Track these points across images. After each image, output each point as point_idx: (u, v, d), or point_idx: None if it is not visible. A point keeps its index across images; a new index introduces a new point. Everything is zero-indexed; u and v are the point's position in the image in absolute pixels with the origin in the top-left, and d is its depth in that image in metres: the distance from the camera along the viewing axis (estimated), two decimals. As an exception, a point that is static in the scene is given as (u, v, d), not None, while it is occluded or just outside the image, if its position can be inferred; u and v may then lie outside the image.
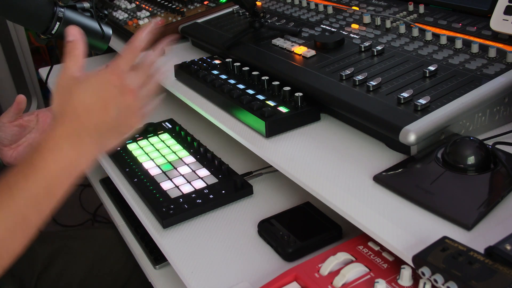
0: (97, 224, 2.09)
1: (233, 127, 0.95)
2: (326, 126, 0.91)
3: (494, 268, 0.53)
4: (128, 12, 1.60)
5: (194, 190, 0.97)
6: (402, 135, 0.73)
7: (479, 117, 0.80)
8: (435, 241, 0.59)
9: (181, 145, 1.14)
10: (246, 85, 1.01)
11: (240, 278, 0.78)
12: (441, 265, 0.55)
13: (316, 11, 1.24)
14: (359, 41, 1.03)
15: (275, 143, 0.87)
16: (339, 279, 0.66)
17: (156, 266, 1.01)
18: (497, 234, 0.59)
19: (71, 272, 1.17)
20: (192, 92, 1.11)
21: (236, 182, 0.97)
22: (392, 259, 0.69)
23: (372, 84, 0.84)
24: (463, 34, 0.96)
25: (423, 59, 0.91)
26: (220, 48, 1.17)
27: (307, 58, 1.01)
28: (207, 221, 0.92)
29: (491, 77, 0.81)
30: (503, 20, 0.89)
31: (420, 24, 1.03)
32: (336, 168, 0.78)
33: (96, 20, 1.11)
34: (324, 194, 0.74)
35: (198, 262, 0.82)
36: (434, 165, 0.72)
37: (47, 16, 1.04)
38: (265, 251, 0.84)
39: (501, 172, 0.69)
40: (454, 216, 0.63)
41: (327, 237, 0.84)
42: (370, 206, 0.69)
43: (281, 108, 0.91)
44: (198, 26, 1.36)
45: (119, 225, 1.18)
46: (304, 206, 0.92)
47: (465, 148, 0.71)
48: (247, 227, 0.90)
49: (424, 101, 0.76)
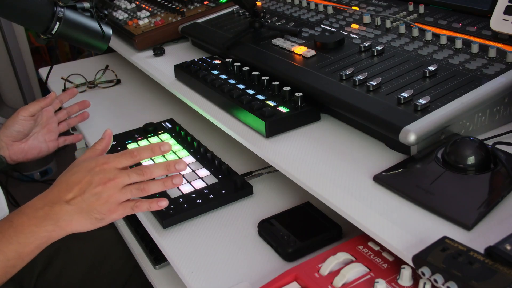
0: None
1: (233, 127, 0.95)
2: (326, 126, 0.91)
3: (494, 268, 0.53)
4: (128, 12, 1.60)
5: (194, 190, 0.97)
6: (402, 135, 0.73)
7: (479, 117, 0.80)
8: (435, 241, 0.59)
9: (181, 145, 1.14)
10: (246, 85, 1.01)
11: (240, 278, 0.78)
12: (441, 265, 0.55)
13: (316, 11, 1.24)
14: (359, 41, 1.03)
15: (275, 143, 0.87)
16: (339, 279, 0.66)
17: (156, 266, 1.01)
18: (497, 234, 0.59)
19: (71, 272, 1.17)
20: (192, 92, 1.11)
21: (236, 182, 0.97)
22: (392, 259, 0.69)
23: (372, 84, 0.84)
24: (463, 34, 0.96)
25: (423, 59, 0.91)
26: (220, 48, 1.17)
27: (307, 58, 1.01)
28: (207, 221, 0.92)
29: (491, 77, 0.81)
30: (503, 20, 0.89)
31: (420, 24, 1.03)
32: (336, 168, 0.78)
33: (96, 20, 1.11)
34: (324, 194, 0.74)
35: (198, 262, 0.82)
36: (434, 165, 0.72)
37: (47, 16, 1.04)
38: (265, 251, 0.84)
39: (501, 172, 0.69)
40: (454, 216, 0.63)
41: (327, 237, 0.84)
42: (370, 206, 0.69)
43: (281, 108, 0.91)
44: (198, 26, 1.36)
45: (119, 225, 1.18)
46: (304, 206, 0.92)
47: (465, 148, 0.71)
48: (247, 227, 0.90)
49: (424, 101, 0.76)
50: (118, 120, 1.33)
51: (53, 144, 1.25)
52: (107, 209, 0.80)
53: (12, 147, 1.17)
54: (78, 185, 0.80)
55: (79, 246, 1.21)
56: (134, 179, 0.82)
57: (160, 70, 1.26)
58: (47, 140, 1.23)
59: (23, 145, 1.19)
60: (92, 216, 0.80)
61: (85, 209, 0.80)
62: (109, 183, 0.80)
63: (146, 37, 1.38)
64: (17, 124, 1.16)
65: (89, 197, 0.80)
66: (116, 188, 0.80)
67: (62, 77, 1.53)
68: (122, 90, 1.54)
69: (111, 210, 0.81)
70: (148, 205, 0.83)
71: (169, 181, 0.83)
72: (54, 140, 1.25)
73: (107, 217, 0.81)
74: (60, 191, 0.81)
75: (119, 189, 0.81)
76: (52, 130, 1.25)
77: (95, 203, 0.80)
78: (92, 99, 1.39)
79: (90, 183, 0.80)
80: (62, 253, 1.18)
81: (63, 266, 1.17)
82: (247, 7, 1.15)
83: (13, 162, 1.18)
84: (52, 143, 1.25)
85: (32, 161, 1.24)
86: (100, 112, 1.38)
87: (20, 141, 1.19)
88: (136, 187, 0.82)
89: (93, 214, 0.80)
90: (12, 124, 1.16)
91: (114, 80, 1.57)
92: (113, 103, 1.44)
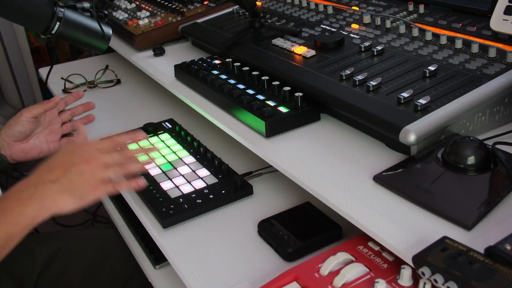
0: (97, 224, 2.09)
1: (233, 127, 0.95)
2: (326, 126, 0.91)
3: (494, 268, 0.53)
4: (128, 12, 1.60)
5: (194, 190, 0.97)
6: (402, 135, 0.73)
7: (479, 117, 0.80)
8: (435, 241, 0.59)
9: (181, 145, 1.14)
10: (246, 85, 1.01)
11: (240, 278, 0.78)
12: (441, 265, 0.55)
13: (316, 11, 1.24)
14: (359, 41, 1.03)
15: (275, 143, 0.87)
16: (339, 279, 0.66)
17: (156, 266, 1.01)
18: (497, 234, 0.59)
19: (71, 272, 1.17)
20: (192, 92, 1.11)
21: (236, 182, 0.97)
22: (392, 259, 0.69)
23: (372, 84, 0.84)
24: (463, 34, 0.96)
25: (423, 59, 0.91)
26: (220, 48, 1.17)
27: (307, 58, 1.01)
28: (207, 221, 0.92)
29: (491, 77, 0.81)
30: (503, 20, 0.89)
31: (420, 24, 1.03)
32: (336, 168, 0.78)
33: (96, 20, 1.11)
34: (324, 194, 0.74)
35: (198, 262, 0.82)
36: (434, 165, 0.72)
37: (47, 16, 1.04)
38: (265, 251, 0.84)
39: (501, 172, 0.69)
40: (454, 216, 0.63)
41: (327, 237, 0.84)
42: (370, 206, 0.69)
43: (281, 108, 0.91)
44: (198, 26, 1.36)
45: (119, 225, 1.18)
46: (304, 206, 0.92)
47: (465, 148, 0.71)
48: (247, 227, 0.90)
49: (424, 101, 0.76)
50: (118, 120, 1.33)
51: (54, 145, 1.25)
52: (90, 186, 0.84)
53: (13, 146, 1.17)
54: (61, 166, 0.84)
55: (79, 246, 1.22)
56: (115, 158, 0.88)
57: (160, 70, 1.26)
58: (48, 140, 1.23)
59: (24, 145, 1.19)
60: (76, 194, 0.83)
61: (68, 188, 0.82)
62: (92, 161, 0.85)
63: (146, 37, 1.38)
64: (19, 125, 1.16)
65: (73, 176, 0.83)
66: (99, 166, 0.85)
67: (62, 77, 1.53)
68: (122, 90, 1.54)
69: (94, 188, 0.84)
70: (128, 184, 0.89)
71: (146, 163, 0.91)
72: (56, 141, 1.25)
73: (90, 195, 0.84)
74: (42, 173, 0.84)
75: (102, 167, 0.85)
76: (55, 131, 1.25)
77: (79, 181, 0.83)
78: (92, 99, 1.38)
79: (73, 162, 0.84)
80: (62, 253, 1.18)
81: (63, 266, 1.17)
82: (247, 7, 1.15)
83: (14, 162, 1.18)
84: (54, 144, 1.24)
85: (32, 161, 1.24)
86: (100, 112, 1.38)
87: (21, 141, 1.19)
88: (118, 165, 0.87)
89: (77, 192, 0.83)
90: (14, 124, 1.16)
91: (114, 80, 1.57)
92: (113, 103, 1.44)
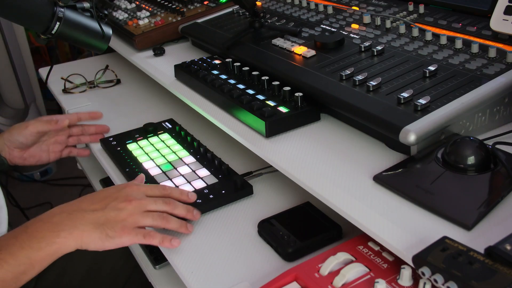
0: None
1: (233, 127, 0.95)
2: (326, 126, 0.91)
3: (494, 268, 0.53)
4: (128, 12, 1.60)
5: (194, 190, 0.97)
6: (402, 135, 0.73)
7: (479, 117, 0.80)
8: (435, 241, 0.59)
9: (181, 145, 1.14)
10: (246, 85, 1.01)
11: (240, 278, 0.78)
12: (441, 265, 0.55)
13: (316, 11, 1.24)
14: (359, 41, 1.03)
15: (275, 143, 0.87)
16: (339, 279, 0.66)
17: (156, 266, 1.01)
18: (497, 234, 0.59)
19: (71, 272, 1.17)
20: (192, 92, 1.11)
21: (236, 182, 0.97)
22: (392, 259, 0.69)
23: (372, 84, 0.84)
24: (463, 34, 0.96)
25: (423, 59, 0.91)
26: (220, 48, 1.17)
27: (307, 58, 1.01)
28: (207, 221, 0.92)
29: (491, 77, 0.81)
30: (503, 20, 0.89)
31: (420, 24, 1.03)
32: (336, 168, 0.78)
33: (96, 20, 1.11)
34: (324, 194, 0.74)
35: (198, 262, 0.82)
36: (434, 165, 0.72)
37: (47, 16, 1.04)
38: (265, 251, 0.84)
39: (501, 172, 0.69)
40: (454, 216, 0.63)
41: (327, 237, 0.84)
42: (370, 206, 0.69)
43: (281, 108, 0.91)
44: (198, 26, 1.36)
45: (119, 225, 1.18)
46: (304, 206, 0.92)
47: (465, 148, 0.71)
48: (247, 227, 0.90)
49: (424, 101, 0.76)
50: (118, 120, 1.33)
51: (55, 155, 1.24)
52: (122, 227, 0.80)
53: (13, 152, 1.18)
54: (104, 200, 0.82)
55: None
56: (159, 207, 0.84)
57: (160, 70, 1.26)
58: (50, 150, 1.23)
59: (23, 153, 1.20)
60: (104, 231, 0.79)
61: (101, 222, 0.79)
62: (134, 201, 0.82)
63: (146, 37, 1.38)
64: (22, 136, 1.17)
65: (110, 211, 0.80)
66: (139, 209, 0.82)
67: (62, 77, 1.53)
68: (122, 90, 1.54)
69: (125, 231, 0.80)
70: (161, 239, 0.82)
71: (185, 226, 0.86)
72: (58, 151, 1.24)
73: (118, 237, 0.80)
74: (83, 202, 0.83)
75: (141, 211, 0.82)
76: (60, 142, 1.24)
77: (113, 218, 0.80)
78: (92, 99, 1.39)
79: (116, 198, 0.82)
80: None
81: (63, 266, 1.17)
82: (247, 7, 1.15)
83: (12, 164, 1.19)
84: (55, 154, 1.24)
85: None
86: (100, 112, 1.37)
87: (20, 149, 1.19)
88: (158, 214, 0.83)
89: (106, 229, 0.79)
90: (17, 134, 1.17)
91: (114, 80, 1.57)
92: (113, 103, 1.44)
